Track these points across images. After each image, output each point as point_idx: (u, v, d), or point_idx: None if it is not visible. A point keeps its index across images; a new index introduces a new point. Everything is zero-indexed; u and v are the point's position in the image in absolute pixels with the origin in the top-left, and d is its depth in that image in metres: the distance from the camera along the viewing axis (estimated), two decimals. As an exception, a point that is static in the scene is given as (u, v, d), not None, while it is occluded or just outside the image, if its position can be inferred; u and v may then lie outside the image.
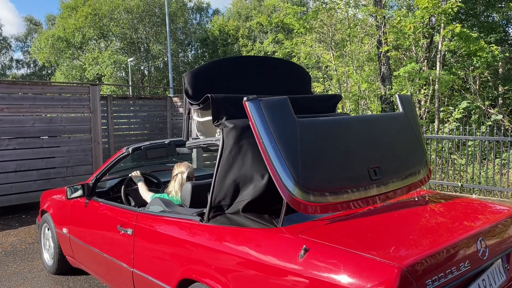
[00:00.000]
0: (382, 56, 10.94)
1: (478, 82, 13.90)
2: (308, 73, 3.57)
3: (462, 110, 10.21)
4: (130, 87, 25.83)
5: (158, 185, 4.12)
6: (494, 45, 11.09)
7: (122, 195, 3.82)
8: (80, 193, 3.64)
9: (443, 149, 8.10)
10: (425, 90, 11.14)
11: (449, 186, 7.77)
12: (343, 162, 2.37)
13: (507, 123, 11.72)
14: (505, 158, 7.57)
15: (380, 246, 1.97)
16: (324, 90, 14.49)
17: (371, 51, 13.33)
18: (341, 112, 11.97)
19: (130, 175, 3.83)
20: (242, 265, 2.17)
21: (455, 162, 8.20)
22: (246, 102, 2.26)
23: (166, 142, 3.65)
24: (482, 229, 2.22)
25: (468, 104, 11.25)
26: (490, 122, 9.56)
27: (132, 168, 4.50)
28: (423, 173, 2.81)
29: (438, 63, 11.01)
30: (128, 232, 3.02)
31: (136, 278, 2.97)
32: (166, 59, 30.87)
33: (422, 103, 11.73)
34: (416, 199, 2.90)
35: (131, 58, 28.71)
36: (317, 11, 12.58)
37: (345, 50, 13.14)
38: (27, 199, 6.81)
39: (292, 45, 13.82)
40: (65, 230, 3.96)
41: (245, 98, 2.27)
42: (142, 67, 33.58)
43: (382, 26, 11.06)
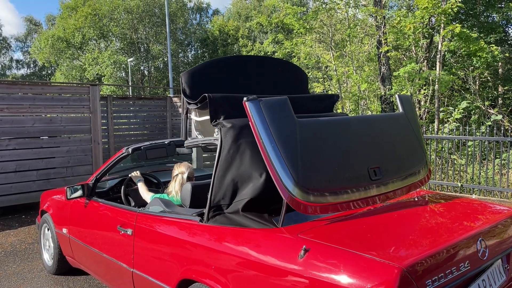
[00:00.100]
0: (382, 56, 10.94)
1: (478, 82, 13.89)
2: (304, 72, 3.58)
3: (462, 110, 10.21)
4: (130, 87, 25.80)
5: (158, 185, 4.11)
6: (494, 45, 11.10)
7: (122, 195, 3.82)
8: (80, 193, 3.64)
9: (443, 149, 8.10)
10: (425, 90, 11.14)
11: (449, 186, 7.77)
12: (343, 162, 2.37)
13: (507, 123, 11.72)
14: (505, 158, 7.57)
15: (380, 246, 1.97)
16: (324, 90, 14.49)
17: (371, 51, 13.34)
18: (340, 112, 12.03)
19: (130, 175, 3.83)
20: (242, 265, 2.17)
21: (455, 162, 8.20)
22: (246, 102, 2.25)
23: (166, 142, 3.65)
24: (482, 229, 2.22)
25: (468, 104, 11.26)
26: (490, 122, 9.56)
27: (132, 168, 4.50)
28: (423, 173, 2.81)
29: (438, 63, 11.01)
30: (128, 232, 3.02)
31: (136, 278, 2.97)
32: (166, 59, 30.89)
33: (422, 103, 11.73)
34: (416, 199, 2.90)
35: (131, 58, 28.72)
36: (317, 11, 12.59)
37: (345, 50, 13.15)
38: (27, 199, 6.80)
39: (292, 45, 13.83)
40: (65, 230, 3.96)
41: (245, 98, 2.26)
42: (142, 67, 33.60)
43: (382, 26, 11.06)
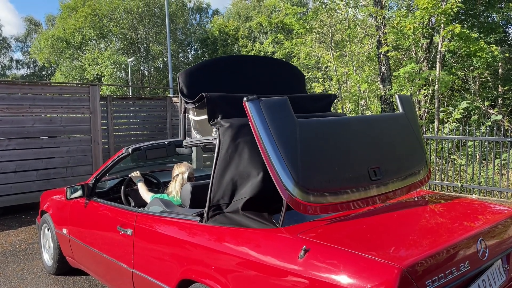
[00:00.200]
0: (382, 56, 10.94)
1: (478, 83, 13.90)
2: (301, 72, 3.58)
3: (462, 111, 10.21)
4: (130, 88, 25.84)
5: (158, 185, 4.11)
6: (493, 45, 11.10)
7: (122, 196, 3.82)
8: (79, 193, 3.64)
9: (443, 149, 8.10)
10: (425, 90, 11.15)
11: (449, 186, 7.77)
12: (343, 163, 2.36)
13: (507, 124, 11.72)
14: (505, 158, 7.58)
15: (380, 246, 1.97)
16: (324, 90, 14.50)
17: (371, 52, 13.34)
18: (340, 112, 12.03)
19: (130, 176, 3.83)
20: (242, 265, 2.17)
21: (455, 162, 8.20)
22: (246, 103, 2.25)
23: (166, 143, 3.65)
24: (482, 229, 2.22)
25: (468, 104, 11.26)
26: (490, 123, 9.56)
27: (132, 168, 4.50)
28: (423, 173, 2.81)
29: (438, 64, 11.01)
30: (127, 232, 3.02)
31: (135, 278, 2.97)
32: (166, 60, 30.89)
33: (422, 104, 11.73)
34: (416, 200, 2.90)
35: (131, 59, 28.72)
36: (317, 12, 12.59)
37: (345, 50, 13.15)
38: (27, 200, 6.80)
39: (292, 45, 13.84)
40: (64, 231, 3.96)
41: (245, 99, 2.26)
42: (142, 68, 33.60)
43: (382, 27, 11.06)
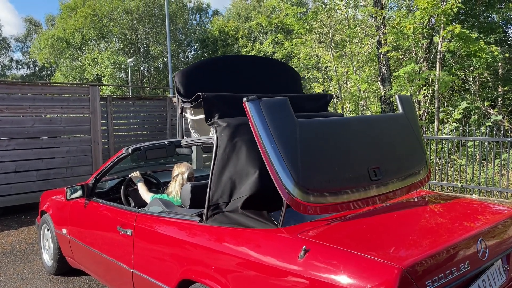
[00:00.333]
0: (381, 56, 10.94)
1: (477, 83, 13.89)
2: (297, 73, 3.60)
3: (461, 111, 10.21)
4: (130, 88, 25.85)
5: (158, 185, 4.11)
6: (493, 45, 11.10)
7: (122, 196, 3.82)
8: (79, 193, 3.63)
9: (443, 149, 8.10)
10: (424, 90, 11.15)
11: (449, 186, 7.77)
12: (343, 163, 2.36)
13: (507, 124, 11.72)
14: (505, 158, 7.57)
15: (380, 246, 1.97)
16: (323, 90, 14.50)
17: (371, 52, 13.34)
18: (339, 112, 12.04)
19: (129, 176, 3.83)
20: (242, 265, 2.17)
21: (455, 162, 8.20)
22: (246, 103, 2.25)
23: (166, 143, 3.65)
24: (482, 229, 2.22)
25: (467, 104, 11.26)
26: (489, 123, 9.56)
27: (132, 168, 4.50)
28: (423, 173, 2.81)
29: (437, 64, 11.01)
30: (127, 232, 3.02)
31: (135, 278, 2.97)
32: (165, 60, 30.88)
33: (422, 104, 11.73)
34: (416, 200, 2.90)
35: (131, 59, 28.72)
36: (316, 12, 12.59)
37: (344, 50, 13.15)
38: (27, 200, 6.80)
39: (292, 45, 13.84)
40: (64, 231, 3.96)
41: (244, 99, 2.26)
42: (142, 68, 33.60)
43: (382, 27, 11.06)
